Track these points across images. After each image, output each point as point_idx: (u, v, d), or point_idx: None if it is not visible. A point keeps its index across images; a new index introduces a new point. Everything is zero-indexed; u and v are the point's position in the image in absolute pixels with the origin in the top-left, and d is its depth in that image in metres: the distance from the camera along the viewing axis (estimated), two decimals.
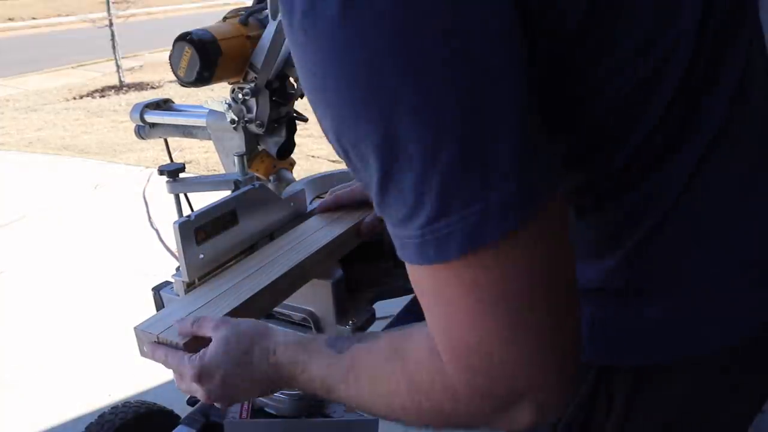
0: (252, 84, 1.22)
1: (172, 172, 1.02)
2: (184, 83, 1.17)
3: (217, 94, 1.48)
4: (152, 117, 1.41)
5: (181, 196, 1.12)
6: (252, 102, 1.25)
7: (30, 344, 2.47)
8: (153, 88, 7.36)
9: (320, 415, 0.93)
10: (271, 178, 1.38)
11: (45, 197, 4.09)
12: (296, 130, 1.35)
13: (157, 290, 0.88)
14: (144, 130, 1.44)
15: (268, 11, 1.21)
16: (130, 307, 2.44)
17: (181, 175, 1.04)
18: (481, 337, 0.42)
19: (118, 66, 7.55)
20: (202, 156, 4.58)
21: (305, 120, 1.36)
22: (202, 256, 0.82)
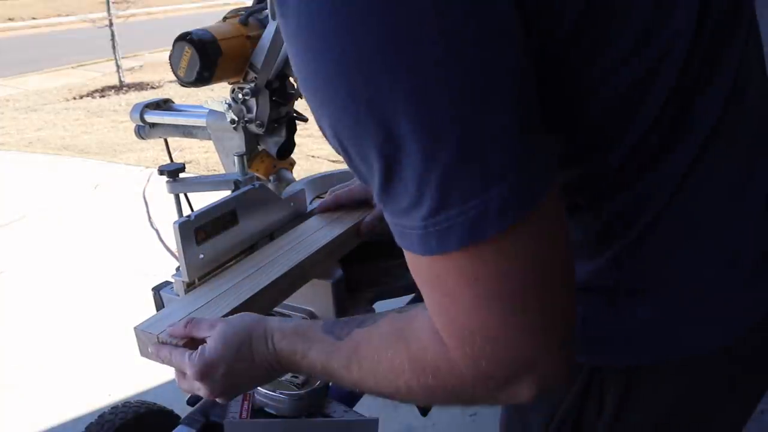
0: (252, 84, 1.22)
1: (172, 172, 1.02)
2: (184, 83, 1.17)
3: (217, 94, 1.48)
4: (152, 117, 1.41)
5: (181, 196, 1.12)
6: (252, 102, 1.25)
7: (30, 344, 2.46)
8: (153, 88, 7.36)
9: (320, 415, 0.93)
10: (271, 178, 1.38)
11: (45, 197, 4.09)
12: (296, 130, 1.36)
13: (157, 290, 0.88)
14: (144, 130, 1.44)
15: (268, 11, 1.21)
16: (130, 307, 2.44)
17: (181, 175, 1.04)
18: (483, 322, 0.43)
19: (118, 66, 7.55)
20: (202, 156, 4.58)
21: (305, 120, 1.36)
22: (202, 256, 0.82)
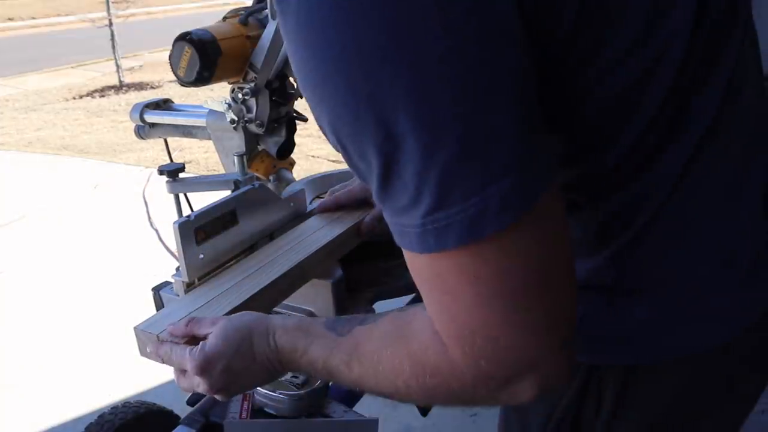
0: (252, 84, 1.22)
1: (172, 172, 1.02)
2: (184, 83, 1.17)
3: (217, 94, 1.48)
4: (152, 117, 1.41)
5: (181, 196, 1.12)
6: (252, 102, 1.25)
7: (30, 344, 2.47)
8: (153, 88, 7.36)
9: (320, 415, 0.93)
10: (271, 178, 1.38)
11: (45, 197, 4.09)
12: (296, 130, 1.36)
13: (157, 290, 0.88)
14: (144, 130, 1.44)
15: (268, 11, 1.21)
16: (130, 307, 2.44)
17: (181, 175, 1.04)
18: (484, 321, 0.43)
19: (118, 66, 7.55)
20: (202, 156, 4.58)
21: (305, 120, 1.36)
22: (202, 256, 0.82)
